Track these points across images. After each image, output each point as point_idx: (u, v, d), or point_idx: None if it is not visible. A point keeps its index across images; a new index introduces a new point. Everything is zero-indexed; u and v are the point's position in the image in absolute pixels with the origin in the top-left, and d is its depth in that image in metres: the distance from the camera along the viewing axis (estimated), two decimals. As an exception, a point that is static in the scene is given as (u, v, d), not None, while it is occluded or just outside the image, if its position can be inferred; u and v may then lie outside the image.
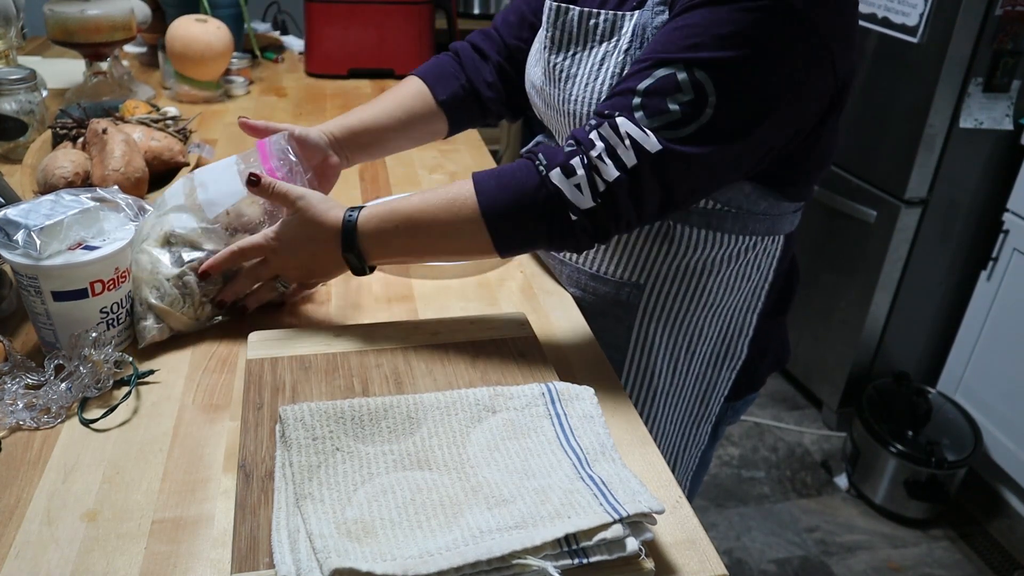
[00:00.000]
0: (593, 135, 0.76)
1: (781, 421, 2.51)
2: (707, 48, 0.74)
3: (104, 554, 0.61)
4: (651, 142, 0.74)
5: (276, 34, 2.25)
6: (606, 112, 0.77)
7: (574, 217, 0.77)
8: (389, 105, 1.07)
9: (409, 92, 1.09)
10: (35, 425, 0.74)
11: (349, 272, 0.87)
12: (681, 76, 0.74)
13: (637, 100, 0.76)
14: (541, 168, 0.77)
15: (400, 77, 1.94)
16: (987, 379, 2.16)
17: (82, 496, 0.66)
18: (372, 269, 0.87)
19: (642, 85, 0.76)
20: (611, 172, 0.75)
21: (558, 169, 0.76)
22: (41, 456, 0.71)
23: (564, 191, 0.76)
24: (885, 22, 2.12)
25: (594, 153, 0.76)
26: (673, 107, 0.75)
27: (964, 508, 2.20)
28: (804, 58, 0.76)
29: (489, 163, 1.44)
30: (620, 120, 0.75)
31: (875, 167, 2.21)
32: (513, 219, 0.79)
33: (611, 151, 0.75)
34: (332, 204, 0.86)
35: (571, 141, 0.78)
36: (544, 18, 0.94)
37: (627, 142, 0.75)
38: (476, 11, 2.73)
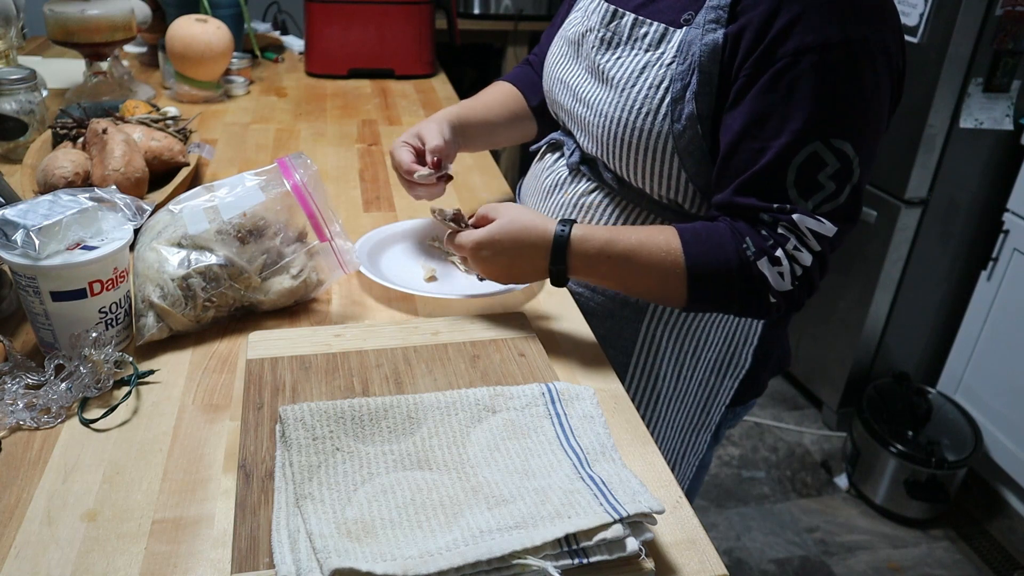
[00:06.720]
0: (781, 229, 0.83)
1: (781, 421, 2.50)
2: (830, 116, 0.79)
3: (104, 554, 0.61)
4: (827, 227, 0.82)
5: (276, 34, 2.25)
6: (776, 207, 0.82)
7: (773, 300, 0.84)
8: (496, 104, 1.13)
9: (508, 94, 1.16)
10: (35, 425, 0.74)
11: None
12: (823, 151, 0.80)
13: (793, 192, 0.82)
14: (749, 254, 0.82)
15: (400, 77, 1.96)
16: (987, 379, 2.16)
17: (82, 496, 0.66)
18: (567, 280, 0.88)
19: (791, 176, 0.81)
20: (806, 259, 0.83)
21: (766, 258, 0.82)
22: (41, 456, 0.71)
23: (769, 278, 0.83)
24: (885, 22, 2.11)
25: (790, 246, 0.83)
26: (826, 182, 0.81)
27: (964, 508, 2.20)
28: (888, 76, 0.82)
29: (488, 161, 1.44)
30: (796, 217, 0.82)
31: (875, 167, 2.21)
32: (715, 288, 0.85)
33: (801, 241, 0.83)
34: (536, 215, 0.87)
35: (764, 232, 0.83)
36: (596, 16, 0.95)
37: (809, 234, 0.82)
38: (476, 11, 2.71)
